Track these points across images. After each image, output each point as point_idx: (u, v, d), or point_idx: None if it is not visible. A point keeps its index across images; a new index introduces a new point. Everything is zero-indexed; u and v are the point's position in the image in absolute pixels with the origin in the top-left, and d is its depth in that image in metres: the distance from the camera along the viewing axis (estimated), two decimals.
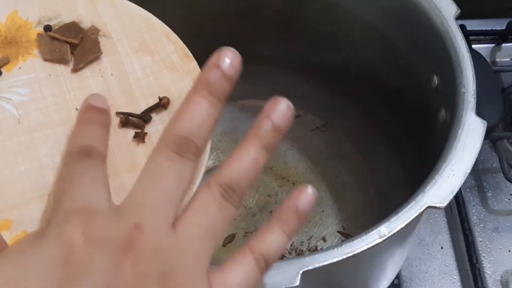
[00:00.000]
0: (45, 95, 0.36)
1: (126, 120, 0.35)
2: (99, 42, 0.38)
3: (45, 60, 0.37)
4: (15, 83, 0.37)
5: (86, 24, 0.39)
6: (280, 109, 0.28)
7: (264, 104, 0.28)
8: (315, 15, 0.58)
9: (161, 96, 0.36)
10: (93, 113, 0.28)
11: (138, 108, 0.36)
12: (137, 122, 0.35)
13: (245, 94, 0.68)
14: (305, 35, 0.60)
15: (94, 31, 0.38)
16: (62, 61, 0.37)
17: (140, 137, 0.34)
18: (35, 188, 0.32)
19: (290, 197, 0.29)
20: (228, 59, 0.28)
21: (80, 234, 0.23)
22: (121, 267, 0.23)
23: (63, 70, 0.37)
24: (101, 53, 0.38)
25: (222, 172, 0.27)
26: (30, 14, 0.39)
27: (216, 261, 0.27)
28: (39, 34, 0.38)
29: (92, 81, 0.37)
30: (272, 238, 0.28)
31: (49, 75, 0.37)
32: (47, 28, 0.38)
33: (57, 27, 0.39)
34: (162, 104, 0.36)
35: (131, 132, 0.35)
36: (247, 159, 0.28)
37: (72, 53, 0.38)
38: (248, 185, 0.27)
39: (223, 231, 0.27)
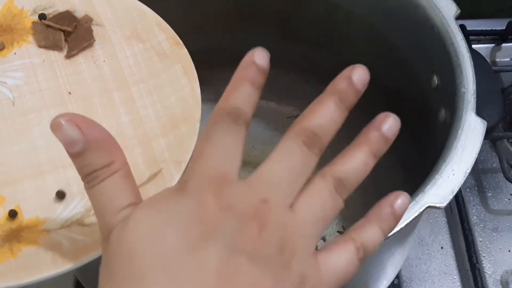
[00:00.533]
0: (39, 80, 0.37)
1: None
2: (92, 30, 0.39)
3: (40, 46, 0.38)
4: (10, 68, 0.38)
5: (79, 13, 0.40)
6: (389, 122, 0.34)
7: (264, 104, 0.29)
8: (315, 15, 0.58)
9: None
10: (253, 71, 0.30)
11: (130, 92, 0.37)
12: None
13: None
14: (305, 35, 0.60)
15: (87, 20, 0.40)
16: (56, 47, 0.38)
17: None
18: (28, 167, 0.33)
19: (388, 199, 0.32)
20: (358, 74, 0.33)
21: (215, 200, 0.26)
22: (247, 232, 0.26)
23: (56, 57, 0.38)
24: (94, 40, 0.39)
25: (336, 167, 0.30)
26: (26, 4, 0.40)
27: None
28: (34, 22, 0.39)
29: (85, 67, 0.38)
30: (371, 232, 0.30)
31: (43, 60, 0.38)
32: (42, 16, 0.39)
33: (51, 16, 0.40)
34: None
35: None
36: (359, 160, 0.31)
37: (66, 40, 0.39)
38: (356, 184, 0.30)
39: (332, 218, 0.29)
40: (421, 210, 0.36)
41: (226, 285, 0.24)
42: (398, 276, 0.58)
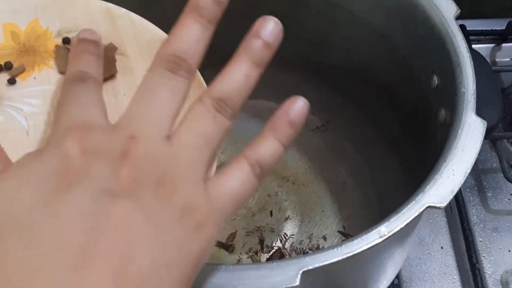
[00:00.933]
0: None
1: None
2: (115, 61, 0.37)
3: (61, 73, 0.36)
4: (28, 94, 0.36)
5: (104, 40, 0.38)
6: (269, 27, 0.31)
7: (264, 104, 0.29)
8: (315, 15, 0.58)
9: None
10: (85, 44, 0.31)
11: None
12: None
13: None
14: (305, 35, 0.60)
15: (112, 49, 0.38)
16: None
17: None
18: None
19: (281, 108, 0.30)
20: None
21: (77, 146, 0.24)
22: (117, 173, 0.24)
23: None
24: (116, 72, 0.37)
25: (214, 87, 0.28)
26: (51, 24, 0.38)
27: (219, 261, 0.27)
28: (57, 46, 0.37)
29: (104, 99, 0.36)
30: (266, 145, 0.29)
31: None
32: (66, 40, 0.38)
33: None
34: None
35: None
36: (238, 73, 0.29)
37: None
38: (241, 100, 0.29)
39: (219, 142, 0.28)
40: (421, 210, 0.36)
41: (93, 232, 0.22)
42: (398, 276, 0.58)
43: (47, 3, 0.39)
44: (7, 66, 0.36)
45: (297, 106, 0.31)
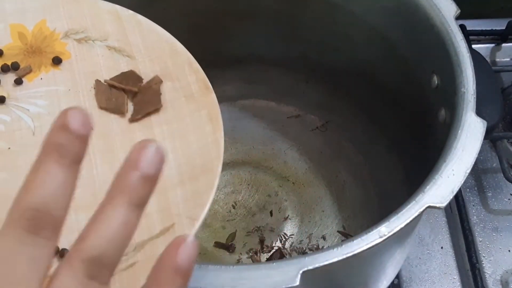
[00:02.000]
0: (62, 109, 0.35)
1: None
2: (160, 94, 0.36)
3: (101, 108, 0.36)
4: (35, 94, 0.36)
5: (111, 42, 0.37)
6: (149, 155, 0.23)
7: (264, 104, 0.28)
8: (315, 15, 0.58)
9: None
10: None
11: (153, 134, 0.35)
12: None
13: (245, 94, 0.68)
14: (305, 35, 0.60)
15: (157, 81, 0.37)
16: (118, 111, 0.36)
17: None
18: None
19: (166, 252, 0.23)
20: (75, 116, 0.22)
21: None
22: None
23: (83, 87, 0.36)
24: (161, 106, 0.36)
25: (85, 243, 0.22)
26: (58, 25, 0.38)
27: (219, 261, 0.27)
28: (97, 81, 0.36)
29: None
30: None
31: (69, 90, 0.36)
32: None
33: (83, 41, 0.37)
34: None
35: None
36: (115, 222, 0.22)
37: (130, 100, 0.36)
38: (120, 253, 0.22)
39: None
40: (421, 210, 0.36)
41: None
42: (398, 276, 0.58)
43: (54, 4, 0.39)
44: (14, 67, 0.36)
45: (186, 246, 0.23)
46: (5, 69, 0.36)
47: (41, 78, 0.36)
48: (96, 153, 0.34)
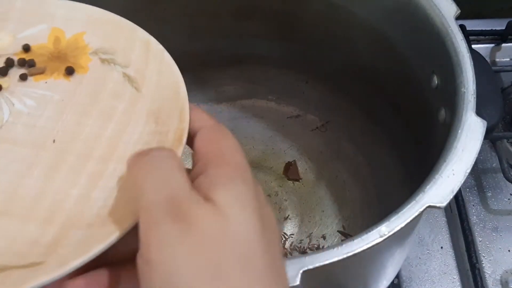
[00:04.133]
0: (43, 115, 0.35)
1: None
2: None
3: None
4: (29, 93, 0.36)
5: (132, 82, 0.37)
6: None
7: (264, 104, 0.28)
8: (315, 15, 0.58)
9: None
10: None
11: (105, 168, 0.34)
12: None
13: (245, 94, 0.68)
14: (305, 35, 0.60)
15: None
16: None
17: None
18: None
19: None
20: None
21: None
22: None
23: (75, 102, 0.36)
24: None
25: None
26: (93, 41, 0.38)
27: None
28: None
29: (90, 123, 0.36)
30: None
31: (62, 100, 0.36)
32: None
33: (106, 62, 0.38)
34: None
35: None
36: None
37: None
38: None
39: None
40: (421, 210, 0.36)
41: None
42: (398, 276, 0.58)
43: (98, 21, 0.39)
44: (30, 64, 0.37)
45: None
46: (21, 63, 0.37)
47: (46, 82, 0.37)
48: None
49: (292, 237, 0.58)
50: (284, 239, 0.58)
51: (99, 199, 0.32)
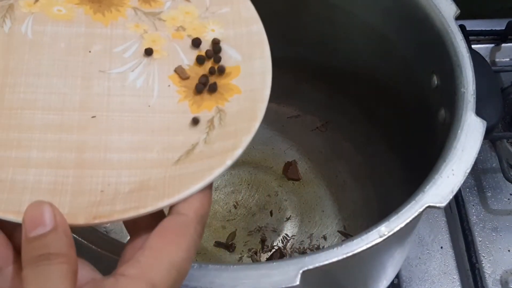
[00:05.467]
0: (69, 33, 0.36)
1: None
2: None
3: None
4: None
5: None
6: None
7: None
8: (315, 16, 0.58)
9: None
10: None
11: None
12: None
13: None
14: (305, 35, 0.60)
15: None
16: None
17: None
18: None
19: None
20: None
21: None
22: None
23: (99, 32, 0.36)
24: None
25: None
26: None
27: (219, 261, 0.27)
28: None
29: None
30: None
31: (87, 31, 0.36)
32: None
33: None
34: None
35: None
36: None
37: None
38: None
39: None
40: (421, 210, 0.36)
41: None
42: (398, 276, 0.58)
43: None
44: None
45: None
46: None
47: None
48: None
49: (292, 238, 0.58)
50: (284, 239, 0.58)
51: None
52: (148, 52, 0.36)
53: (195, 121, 0.33)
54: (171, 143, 0.33)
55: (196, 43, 0.37)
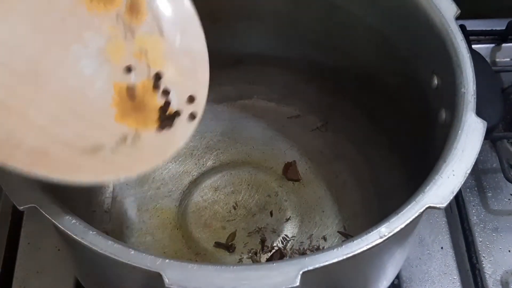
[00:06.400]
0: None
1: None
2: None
3: None
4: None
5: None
6: None
7: (264, 104, 0.28)
8: (315, 15, 0.58)
9: None
10: None
11: None
12: None
13: (245, 94, 0.68)
14: (305, 35, 0.60)
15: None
16: None
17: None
18: None
19: None
20: None
21: None
22: None
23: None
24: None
25: None
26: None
27: (219, 261, 0.27)
28: None
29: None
30: None
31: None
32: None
33: None
34: None
35: None
36: None
37: None
38: None
39: None
40: (421, 210, 0.36)
41: None
42: (398, 276, 0.58)
43: None
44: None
45: None
46: None
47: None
48: None
49: (292, 238, 0.58)
50: (284, 240, 0.58)
51: None
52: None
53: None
54: (84, 133, 0.36)
55: (157, 77, 0.40)
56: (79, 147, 0.35)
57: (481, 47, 0.74)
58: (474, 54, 0.45)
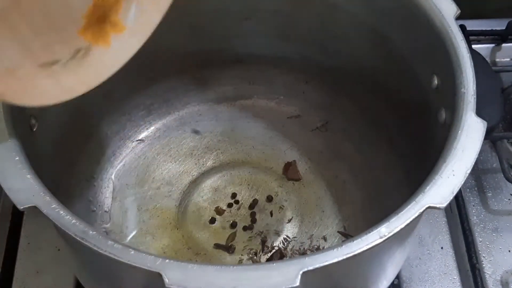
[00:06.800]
0: None
1: None
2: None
3: None
4: None
5: None
6: None
7: (264, 104, 0.28)
8: (314, 16, 0.58)
9: None
10: None
11: None
12: None
13: (245, 94, 0.68)
14: (305, 35, 0.60)
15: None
16: None
17: None
18: None
19: None
20: None
21: None
22: None
23: None
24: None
25: None
26: None
27: (219, 262, 0.27)
28: None
29: None
30: None
31: None
32: None
33: None
34: None
35: None
36: None
37: None
38: None
39: None
40: (421, 210, 0.36)
41: None
42: (398, 276, 0.58)
43: None
44: None
45: None
46: None
47: None
48: None
49: (292, 238, 0.58)
50: (284, 240, 0.58)
51: None
52: None
53: None
54: (49, 45, 0.36)
55: None
56: (41, 63, 0.35)
57: (481, 47, 0.74)
58: (474, 54, 0.45)
